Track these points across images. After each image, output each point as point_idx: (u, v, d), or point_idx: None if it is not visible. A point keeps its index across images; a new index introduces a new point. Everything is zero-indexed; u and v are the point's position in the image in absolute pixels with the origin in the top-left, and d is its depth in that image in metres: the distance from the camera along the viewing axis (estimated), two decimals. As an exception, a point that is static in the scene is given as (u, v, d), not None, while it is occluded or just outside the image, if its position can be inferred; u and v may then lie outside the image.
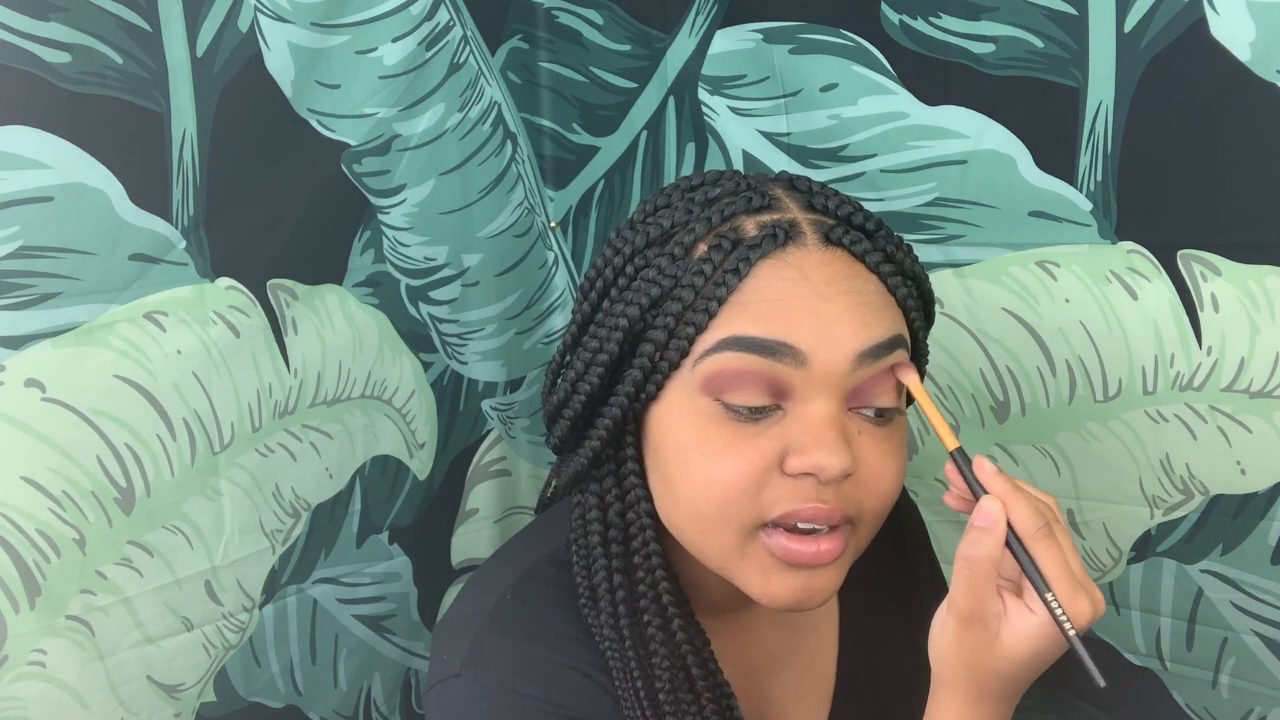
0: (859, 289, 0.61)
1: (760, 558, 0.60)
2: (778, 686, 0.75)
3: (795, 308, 0.59)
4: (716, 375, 0.59)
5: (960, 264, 0.94)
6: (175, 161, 0.82)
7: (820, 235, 0.62)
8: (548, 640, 0.66)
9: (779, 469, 0.59)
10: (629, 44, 1.08)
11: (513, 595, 0.68)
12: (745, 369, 0.59)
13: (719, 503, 0.60)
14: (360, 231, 0.99)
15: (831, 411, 0.59)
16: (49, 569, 0.81)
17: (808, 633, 0.78)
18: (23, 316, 0.77)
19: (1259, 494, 0.86)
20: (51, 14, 0.74)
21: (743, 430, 0.59)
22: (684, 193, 0.65)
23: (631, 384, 0.62)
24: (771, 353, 0.58)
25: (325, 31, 0.90)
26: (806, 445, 0.58)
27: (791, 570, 0.60)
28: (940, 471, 1.02)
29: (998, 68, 0.87)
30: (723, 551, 0.61)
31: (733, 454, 0.59)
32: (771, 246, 0.60)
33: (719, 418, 0.60)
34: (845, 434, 0.59)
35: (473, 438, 1.16)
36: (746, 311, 0.59)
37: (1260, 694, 0.91)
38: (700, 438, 0.60)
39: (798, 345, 0.58)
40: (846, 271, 0.61)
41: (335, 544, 1.03)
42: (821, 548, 0.59)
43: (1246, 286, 0.81)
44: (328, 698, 1.06)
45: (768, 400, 0.59)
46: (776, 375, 0.59)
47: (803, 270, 0.60)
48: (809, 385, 0.59)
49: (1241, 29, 0.76)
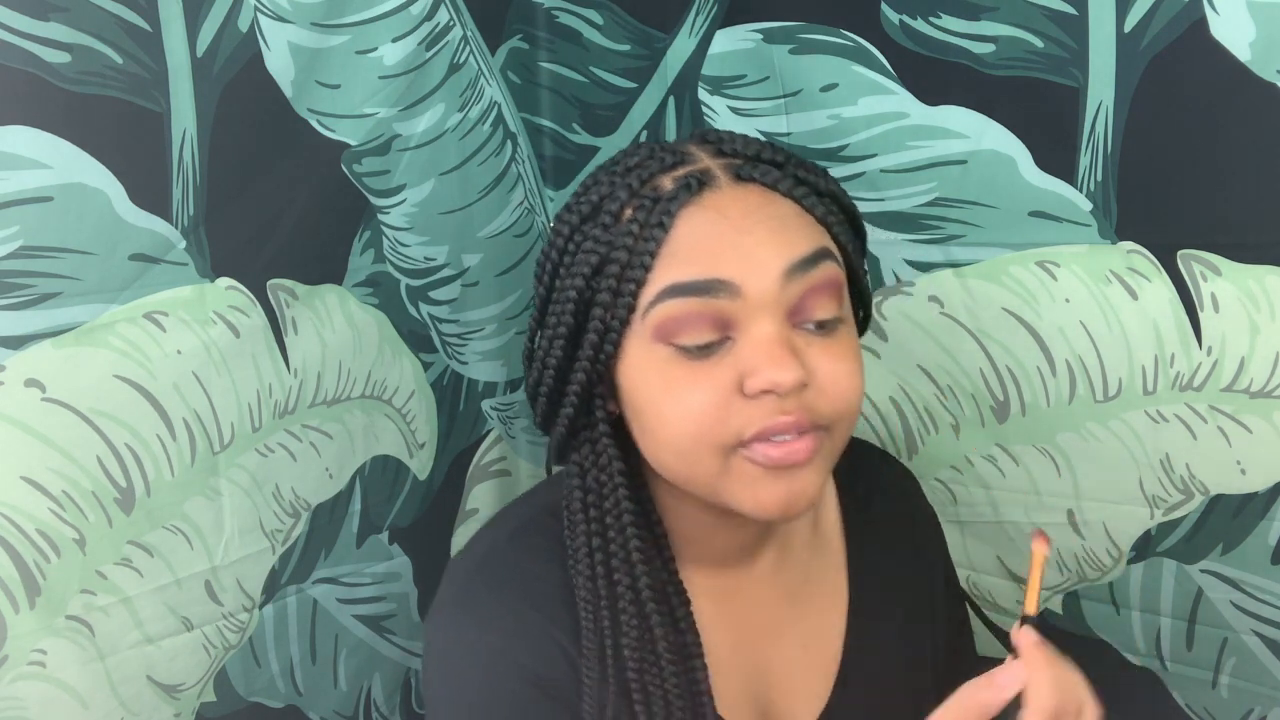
0: (775, 214, 0.66)
1: (744, 471, 0.64)
2: (776, 656, 0.76)
3: (719, 245, 0.64)
4: (664, 323, 0.64)
5: (960, 264, 0.94)
6: (175, 161, 0.82)
7: (731, 175, 0.67)
8: (533, 596, 0.70)
9: (740, 393, 0.63)
10: (629, 44, 1.08)
11: (509, 543, 0.74)
12: (687, 312, 0.63)
13: (693, 434, 0.64)
14: (360, 231, 0.99)
15: (774, 331, 0.63)
16: (49, 569, 0.81)
17: (812, 608, 0.78)
18: (23, 316, 0.77)
19: (1259, 494, 0.86)
20: (51, 14, 0.74)
21: (700, 366, 0.64)
22: (608, 169, 0.70)
23: (590, 347, 0.67)
24: (706, 291, 0.63)
25: (325, 31, 0.90)
26: (758, 366, 0.62)
27: (774, 476, 0.64)
28: (940, 471, 1.02)
29: (998, 68, 0.87)
30: (709, 477, 0.65)
31: (695, 388, 0.63)
32: (687, 196, 0.65)
33: (676, 359, 0.64)
34: (793, 349, 0.63)
35: (473, 438, 1.16)
36: (677, 260, 0.64)
37: (1260, 694, 0.91)
38: (664, 381, 0.64)
39: (728, 278, 0.63)
40: (761, 200, 0.66)
41: (335, 544, 1.03)
42: (795, 447, 0.63)
43: (1246, 286, 0.81)
44: (328, 698, 1.06)
45: (715, 335, 0.63)
46: (716, 310, 0.63)
47: (720, 210, 0.65)
48: (748, 312, 0.63)
49: (1241, 29, 0.76)
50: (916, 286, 0.97)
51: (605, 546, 0.70)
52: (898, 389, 1.02)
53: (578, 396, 0.68)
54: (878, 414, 1.04)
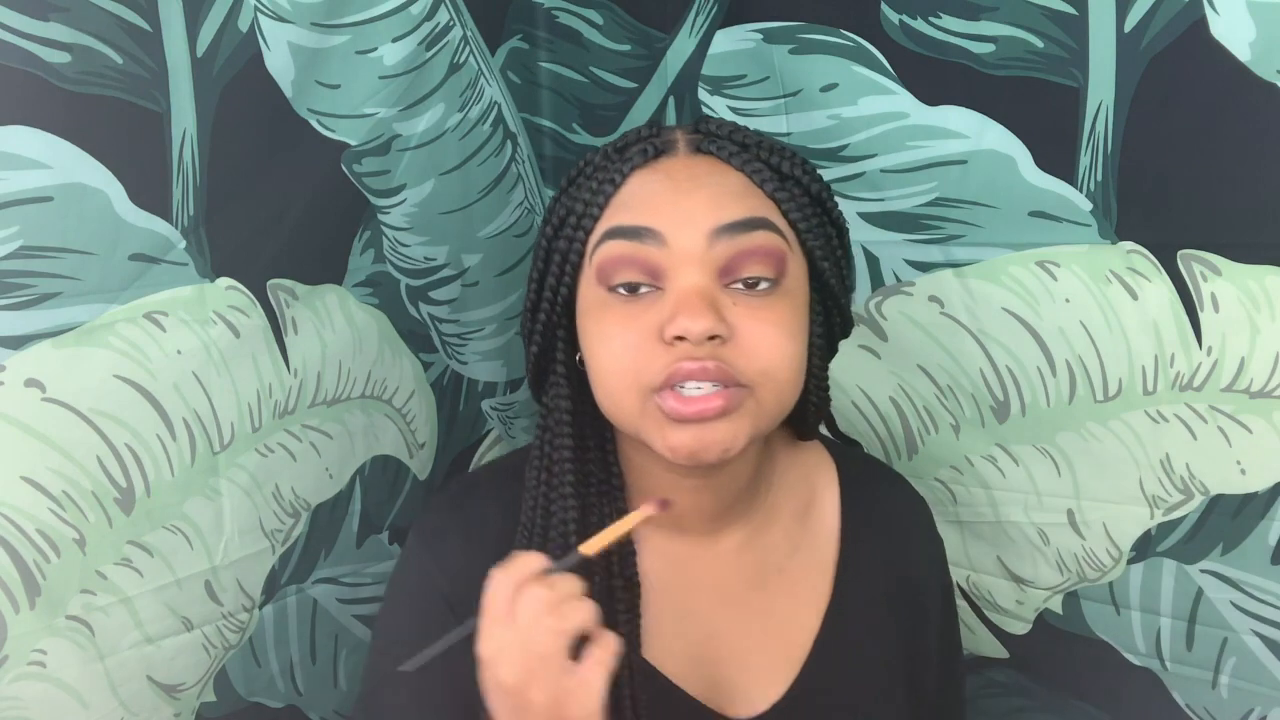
0: (720, 182, 0.70)
1: (656, 416, 0.68)
2: (733, 633, 0.78)
3: (658, 200, 0.70)
4: (603, 264, 0.69)
5: (960, 264, 0.94)
6: (175, 161, 0.82)
7: (692, 147, 0.72)
8: (474, 531, 0.78)
9: (660, 339, 0.67)
10: (629, 44, 1.08)
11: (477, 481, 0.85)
12: (620, 254, 0.69)
13: (616, 373, 0.69)
14: (360, 231, 0.99)
15: (696, 283, 0.67)
16: (49, 569, 0.81)
17: (782, 596, 0.79)
18: (23, 316, 0.76)
19: (1259, 494, 0.86)
20: (51, 14, 0.74)
21: (629, 309, 0.69)
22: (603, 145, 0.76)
23: (549, 290, 0.73)
24: (637, 236, 0.68)
25: (325, 31, 0.90)
26: (675, 313, 0.66)
27: (682, 425, 0.67)
28: (940, 471, 1.02)
29: (998, 68, 0.87)
30: (631, 416, 0.69)
31: (623, 329, 0.68)
32: (643, 159, 0.71)
33: (611, 302, 0.69)
34: (712, 302, 0.67)
35: (473, 438, 1.16)
36: (622, 209, 0.70)
37: (1260, 694, 0.91)
38: (599, 323, 0.70)
39: (657, 228, 0.68)
40: (710, 169, 0.71)
41: (335, 544, 1.03)
42: (703, 405, 0.66)
43: (1246, 286, 0.81)
44: (328, 698, 1.06)
45: (643, 278, 0.68)
46: (645, 256, 0.68)
47: (669, 173, 0.71)
48: (674, 263, 0.68)
49: (1241, 29, 0.76)
50: (916, 286, 0.97)
51: (549, 480, 0.75)
52: (898, 389, 1.02)
53: (542, 336, 0.75)
54: (878, 414, 1.04)
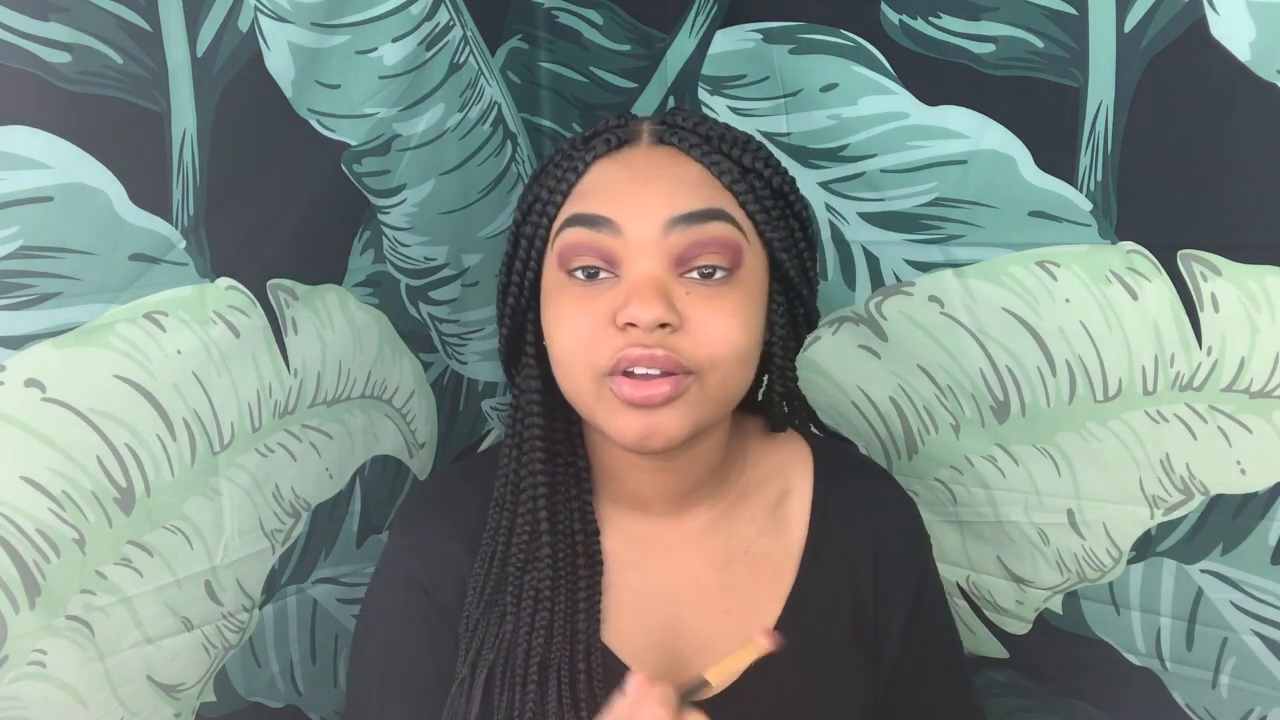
0: (678, 173, 0.72)
1: (608, 400, 0.70)
2: (694, 614, 0.79)
3: (616, 190, 0.71)
4: (563, 250, 0.71)
5: (960, 264, 0.94)
6: (175, 161, 0.82)
7: (655, 139, 0.74)
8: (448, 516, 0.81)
9: (613, 324, 0.69)
10: (629, 44, 1.08)
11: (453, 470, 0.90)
12: (578, 240, 0.71)
13: (570, 354, 0.71)
14: (360, 231, 0.99)
15: (648, 272, 0.69)
16: (49, 569, 0.81)
17: (744, 579, 0.80)
18: (23, 316, 0.77)
19: (1259, 494, 0.86)
20: (51, 14, 0.74)
21: (585, 293, 0.71)
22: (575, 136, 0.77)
23: (517, 274, 0.75)
24: (593, 224, 0.70)
25: (325, 31, 0.90)
26: (627, 300, 0.68)
27: (633, 411, 0.69)
28: (940, 471, 1.02)
29: (998, 68, 0.87)
30: (585, 398, 0.71)
31: (578, 313, 0.70)
32: (605, 148, 0.73)
33: (568, 286, 0.71)
34: (663, 291, 0.68)
35: (473, 438, 1.16)
36: (582, 198, 0.72)
37: (1260, 694, 0.91)
38: (558, 306, 0.72)
39: (612, 217, 0.70)
40: (669, 160, 0.73)
41: (335, 544, 1.03)
42: (649, 391, 0.68)
43: (1246, 286, 0.81)
44: (328, 698, 1.06)
45: (599, 264, 0.70)
46: (601, 244, 0.70)
47: (628, 163, 0.73)
48: (629, 252, 0.69)
49: (1241, 29, 0.76)
50: (916, 286, 0.97)
51: (520, 459, 0.78)
52: (898, 389, 1.02)
53: (511, 319, 0.77)
54: (878, 414, 1.04)
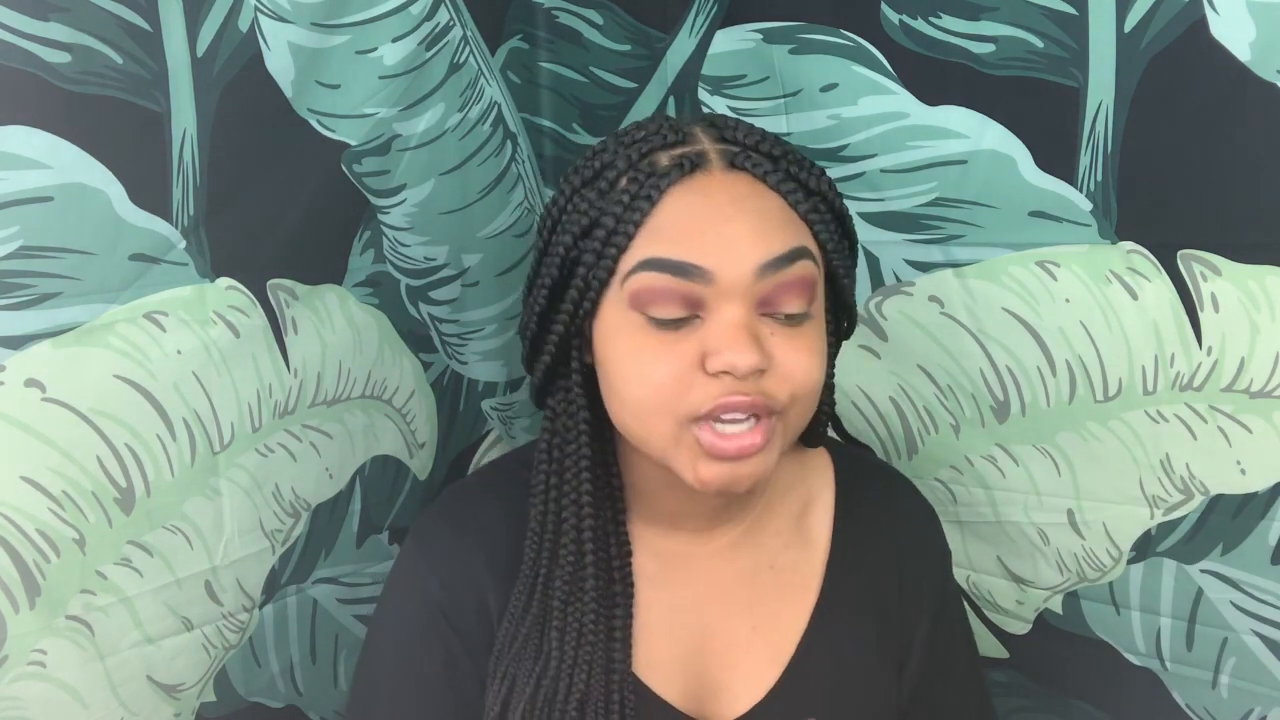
0: (760, 207, 0.69)
1: (691, 447, 0.68)
2: (722, 631, 0.78)
3: (701, 229, 0.67)
4: (639, 292, 0.67)
5: (960, 264, 0.94)
6: (175, 161, 0.82)
7: (725, 162, 0.70)
8: (472, 533, 0.79)
9: (701, 369, 0.67)
10: (629, 44, 1.08)
11: (473, 484, 0.88)
12: (662, 286, 0.67)
13: (653, 400, 0.68)
14: (360, 231, 0.99)
15: (740, 317, 0.66)
16: (49, 569, 0.81)
17: (771, 594, 0.79)
18: (23, 316, 0.76)
19: (1259, 494, 0.86)
20: (51, 14, 0.74)
21: (668, 337, 0.67)
22: (616, 138, 0.73)
23: (570, 303, 0.71)
24: (683, 273, 0.66)
25: (325, 31, 0.90)
26: (720, 347, 0.66)
27: (718, 461, 0.67)
28: (940, 471, 1.02)
29: (998, 68, 0.87)
30: (662, 443, 0.69)
31: (660, 358, 0.67)
32: (679, 175, 0.68)
33: (646, 328, 0.68)
34: (755, 336, 0.66)
35: (473, 438, 1.16)
36: (661, 235, 0.67)
37: (1260, 694, 0.91)
38: (633, 346, 0.68)
39: (704, 265, 0.66)
40: (749, 191, 0.69)
41: (335, 544, 1.03)
42: (743, 443, 0.67)
43: (1246, 286, 0.81)
44: (328, 698, 1.06)
45: (684, 312, 0.67)
46: (689, 291, 0.67)
47: (707, 194, 0.68)
48: (719, 297, 0.67)
49: (1241, 29, 0.76)
50: (916, 286, 0.97)
51: (560, 486, 0.75)
52: (898, 389, 1.02)
53: (555, 346, 0.73)
54: (878, 414, 1.04)
